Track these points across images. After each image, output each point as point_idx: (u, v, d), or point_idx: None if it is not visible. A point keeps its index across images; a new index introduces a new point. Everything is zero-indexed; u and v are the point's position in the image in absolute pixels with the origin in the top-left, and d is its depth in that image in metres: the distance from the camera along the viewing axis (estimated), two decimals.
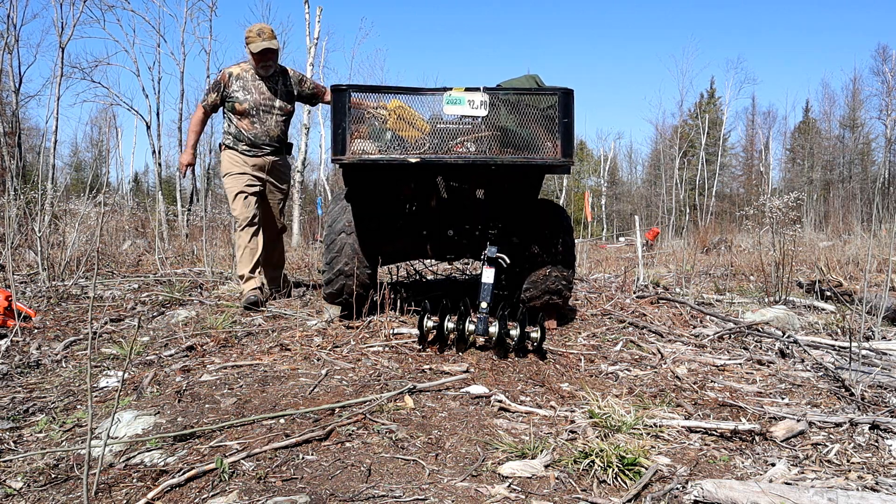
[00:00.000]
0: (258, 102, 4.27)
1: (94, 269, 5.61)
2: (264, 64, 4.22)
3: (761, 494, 1.71)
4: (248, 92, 4.25)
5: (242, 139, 4.31)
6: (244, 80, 4.26)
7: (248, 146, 4.32)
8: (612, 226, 35.77)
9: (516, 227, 3.66)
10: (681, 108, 37.07)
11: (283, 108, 4.36)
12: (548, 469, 1.92)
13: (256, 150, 4.34)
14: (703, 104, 40.20)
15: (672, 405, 2.57)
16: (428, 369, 2.92)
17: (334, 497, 1.73)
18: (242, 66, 4.32)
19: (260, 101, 4.28)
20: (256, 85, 4.28)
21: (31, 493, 1.79)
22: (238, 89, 4.25)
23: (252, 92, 4.26)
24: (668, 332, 3.83)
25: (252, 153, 4.34)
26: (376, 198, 3.65)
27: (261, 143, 4.33)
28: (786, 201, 6.54)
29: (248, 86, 4.26)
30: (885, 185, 31.24)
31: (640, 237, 7.84)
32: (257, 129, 4.30)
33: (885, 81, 33.19)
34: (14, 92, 14.78)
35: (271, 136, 4.36)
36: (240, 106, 4.24)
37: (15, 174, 9.57)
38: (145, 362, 3.07)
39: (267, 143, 4.36)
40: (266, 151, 4.37)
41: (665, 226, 22.65)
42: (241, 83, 4.26)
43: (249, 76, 4.28)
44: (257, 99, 4.27)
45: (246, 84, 4.26)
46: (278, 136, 4.39)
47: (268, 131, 4.33)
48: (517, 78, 3.47)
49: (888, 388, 2.76)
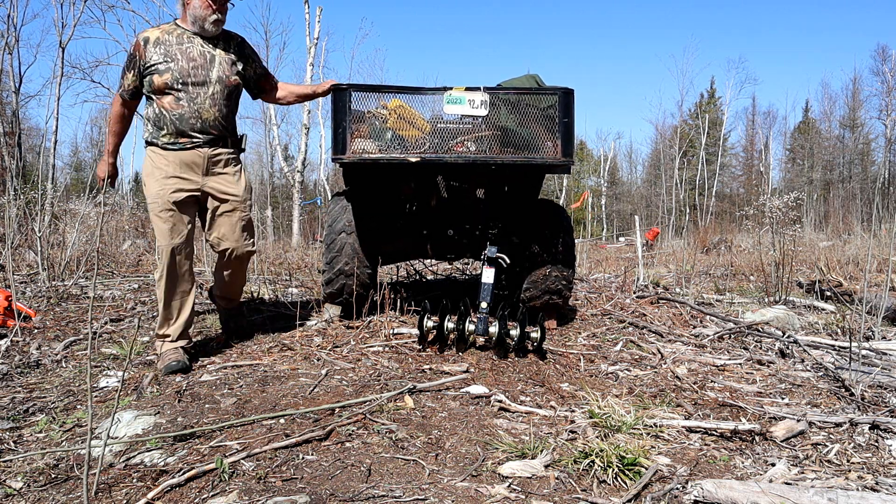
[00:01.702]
0: (185, 71, 3.00)
1: (94, 269, 5.61)
2: (220, 7, 3.05)
3: (761, 494, 1.70)
4: (172, 59, 3.00)
5: (164, 125, 3.03)
6: (167, 45, 3.01)
7: (171, 135, 3.03)
8: (612, 226, 35.79)
9: (516, 227, 3.66)
10: (681, 108, 37.10)
11: (223, 79, 3.08)
12: (548, 469, 1.92)
13: (184, 139, 3.03)
14: (704, 104, 40.20)
15: (672, 405, 2.57)
16: (428, 369, 2.92)
17: (334, 497, 1.73)
18: (164, 27, 3.09)
19: (188, 69, 3.01)
20: (184, 49, 3.03)
21: (31, 493, 1.79)
22: (158, 57, 2.99)
23: (177, 58, 3.01)
24: (668, 332, 3.83)
25: (178, 145, 3.03)
26: (376, 197, 3.65)
27: (190, 128, 3.03)
28: (786, 201, 6.54)
29: (173, 51, 3.01)
30: (885, 185, 31.24)
31: (640, 237, 7.84)
32: (184, 108, 3.01)
33: (885, 81, 33.23)
34: (14, 92, 14.78)
35: (205, 118, 3.04)
36: (160, 78, 2.98)
37: (15, 174, 9.56)
38: (145, 362, 3.07)
39: (200, 129, 3.04)
40: (199, 141, 3.05)
41: (665, 226, 22.65)
42: (162, 49, 3.00)
43: (174, 38, 3.03)
44: (184, 67, 3.00)
45: (169, 49, 3.01)
46: (216, 120, 3.07)
47: (199, 111, 3.02)
48: (517, 78, 3.47)
49: (888, 388, 2.76)
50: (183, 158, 3.05)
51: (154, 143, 3.06)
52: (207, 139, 3.07)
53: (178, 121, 3.01)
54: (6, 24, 13.88)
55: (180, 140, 3.04)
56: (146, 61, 3.02)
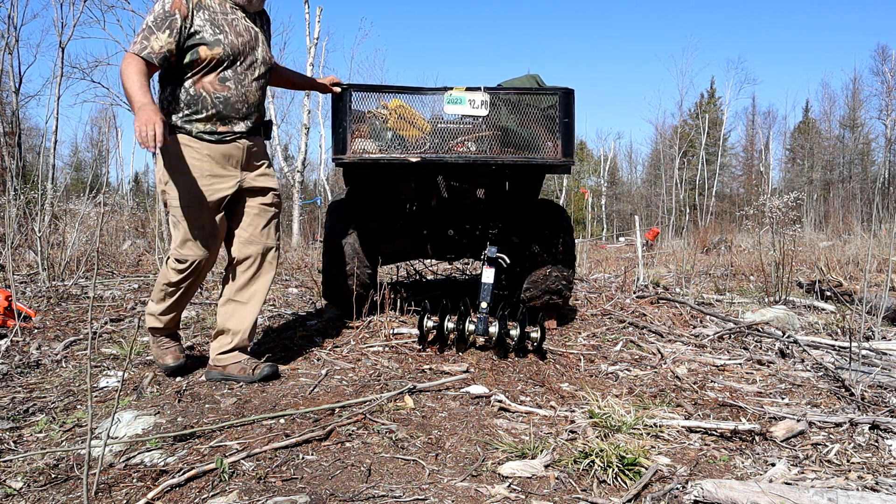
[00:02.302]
0: (236, 48, 2.58)
1: (94, 269, 5.61)
2: None
3: (761, 494, 1.70)
4: (220, 30, 2.55)
5: (202, 110, 2.55)
6: (212, 13, 2.55)
7: (210, 122, 2.58)
8: (612, 226, 35.80)
9: (516, 227, 3.66)
10: (681, 108, 37.11)
11: (266, 60, 2.73)
12: (548, 469, 1.92)
13: (224, 129, 2.61)
14: (703, 104, 40.22)
15: (672, 405, 2.57)
16: (428, 369, 2.92)
17: (334, 497, 1.73)
18: None
19: (238, 45, 2.59)
20: (230, 22, 2.60)
21: (31, 493, 1.79)
22: (205, 25, 2.52)
23: (226, 31, 2.57)
24: (668, 332, 3.83)
25: (216, 136, 2.60)
26: (377, 197, 3.65)
27: (235, 114, 2.62)
28: (786, 201, 6.54)
29: (219, 21, 2.56)
30: (885, 185, 31.25)
31: (640, 237, 7.84)
32: (230, 90, 2.59)
33: (885, 81, 33.24)
34: (14, 92, 14.78)
35: (250, 103, 2.67)
36: (208, 52, 2.51)
37: (15, 174, 9.56)
38: (145, 362, 3.07)
39: (244, 117, 2.65)
40: (241, 131, 2.65)
41: (665, 226, 22.65)
42: (208, 16, 2.54)
43: (218, 6, 2.59)
44: (234, 42, 2.58)
45: (215, 18, 2.56)
46: (259, 107, 2.73)
47: (246, 96, 2.64)
48: (518, 78, 3.47)
49: (888, 388, 2.76)
50: (222, 152, 2.62)
51: (185, 129, 2.56)
52: (248, 128, 2.67)
53: (222, 105, 2.57)
54: (6, 24, 13.89)
55: (220, 129, 2.59)
56: (191, 26, 2.48)
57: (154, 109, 2.31)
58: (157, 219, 10.42)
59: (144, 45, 2.42)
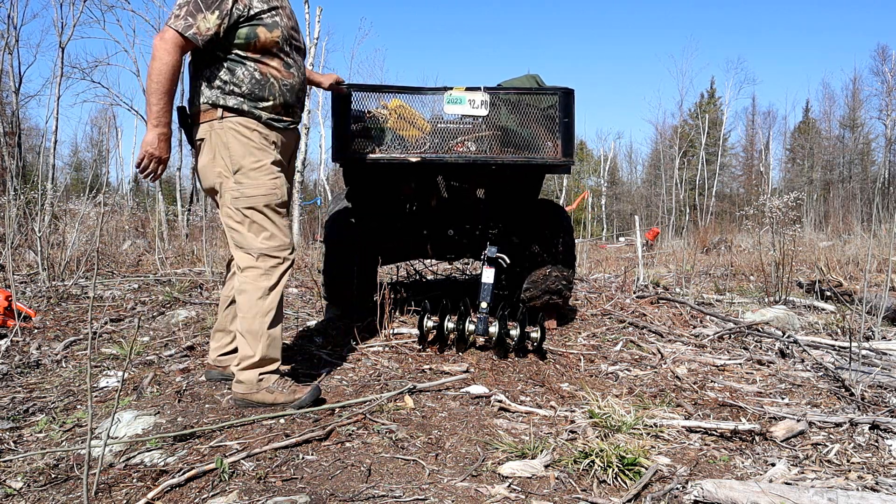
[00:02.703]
0: (292, 32, 2.44)
1: (94, 269, 5.61)
2: None
3: (761, 494, 1.70)
4: (279, 13, 2.38)
5: (270, 95, 2.37)
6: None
7: (277, 109, 2.39)
8: (612, 226, 35.80)
9: (516, 227, 3.66)
10: (681, 108, 37.14)
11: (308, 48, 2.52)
12: (548, 469, 1.92)
13: (288, 117, 2.45)
14: (703, 104, 40.22)
15: (672, 405, 2.57)
16: (428, 369, 2.92)
17: (334, 497, 1.73)
18: None
19: (290, 29, 2.44)
20: (282, 4, 2.43)
21: (31, 493, 1.79)
22: (264, 5, 2.33)
23: (281, 13, 2.39)
24: (668, 332, 3.83)
25: (283, 123, 2.43)
26: (376, 197, 3.65)
27: (296, 101, 2.48)
28: (786, 201, 6.54)
29: (274, 2, 2.38)
30: (885, 185, 31.25)
31: (640, 237, 7.84)
32: (294, 77, 2.44)
33: (885, 81, 33.21)
34: (14, 92, 14.79)
35: (305, 91, 2.58)
36: (268, 34, 2.32)
37: (15, 174, 9.56)
38: (145, 362, 3.07)
39: (302, 105, 2.55)
40: (298, 118, 2.52)
41: (665, 226, 22.65)
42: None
43: None
44: (290, 25, 2.43)
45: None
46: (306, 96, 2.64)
47: (302, 84, 2.51)
48: (518, 77, 3.47)
49: (888, 388, 2.76)
50: (285, 140, 2.46)
51: (251, 114, 2.33)
52: (300, 118, 2.52)
53: (288, 92, 2.40)
54: (6, 24, 13.89)
55: (285, 117, 2.42)
56: (249, 6, 2.28)
57: (167, 144, 2.25)
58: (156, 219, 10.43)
59: (190, 24, 2.20)
